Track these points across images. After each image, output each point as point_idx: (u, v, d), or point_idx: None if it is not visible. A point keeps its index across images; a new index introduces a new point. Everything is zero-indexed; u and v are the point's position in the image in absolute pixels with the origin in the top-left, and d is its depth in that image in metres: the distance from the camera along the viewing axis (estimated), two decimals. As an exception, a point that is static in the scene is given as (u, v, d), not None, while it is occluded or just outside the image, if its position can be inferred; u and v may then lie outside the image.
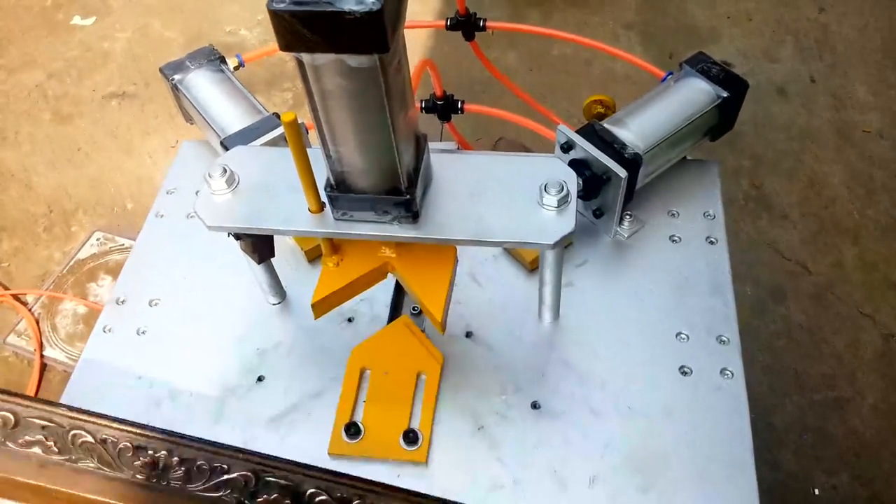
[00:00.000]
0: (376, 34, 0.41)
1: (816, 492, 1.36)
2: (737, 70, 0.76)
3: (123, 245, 1.89)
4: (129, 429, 0.47)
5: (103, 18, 2.66)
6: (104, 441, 0.46)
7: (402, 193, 0.52)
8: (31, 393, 1.69)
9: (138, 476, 0.46)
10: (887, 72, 2.15)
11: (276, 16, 0.41)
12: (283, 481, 0.45)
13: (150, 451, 0.47)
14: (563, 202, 0.54)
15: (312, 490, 0.45)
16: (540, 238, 0.53)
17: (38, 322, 1.75)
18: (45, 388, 1.67)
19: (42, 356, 1.70)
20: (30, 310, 1.78)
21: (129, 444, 0.46)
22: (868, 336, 1.57)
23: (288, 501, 0.45)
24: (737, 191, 1.85)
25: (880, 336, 1.57)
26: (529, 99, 1.00)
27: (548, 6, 2.45)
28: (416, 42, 2.21)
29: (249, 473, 0.46)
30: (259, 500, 0.45)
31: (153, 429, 0.46)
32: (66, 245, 1.94)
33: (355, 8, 0.39)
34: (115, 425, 0.47)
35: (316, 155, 0.52)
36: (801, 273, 1.69)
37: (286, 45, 0.43)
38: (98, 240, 1.91)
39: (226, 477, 0.45)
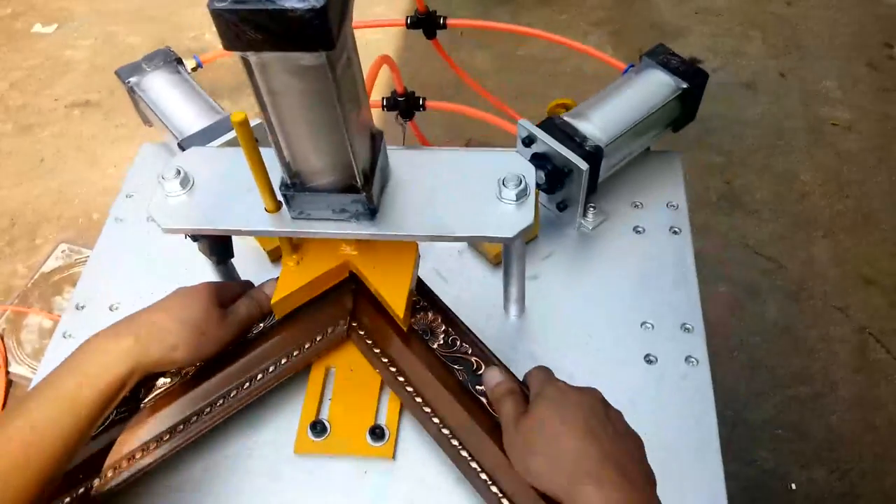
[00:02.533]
0: (321, 31, 0.40)
1: (793, 486, 1.38)
2: (706, 66, 0.76)
3: (89, 257, 1.86)
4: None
5: (65, 26, 2.63)
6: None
7: (359, 191, 0.52)
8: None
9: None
10: (855, 66, 2.18)
11: (217, 15, 0.40)
12: None
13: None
14: (521, 195, 0.54)
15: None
16: (499, 232, 0.53)
17: (2, 338, 1.71)
18: (9, 405, 1.64)
19: (7, 372, 1.67)
20: None
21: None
22: (841, 330, 1.59)
23: None
24: (709, 188, 1.86)
25: (853, 330, 1.59)
26: (491, 97, 1.00)
27: (515, 5, 2.46)
28: (387, 43, 2.20)
29: None
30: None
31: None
32: (31, 258, 1.91)
33: (298, 6, 0.39)
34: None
35: (271, 154, 0.52)
36: (774, 269, 1.71)
37: (230, 45, 0.42)
38: (63, 252, 1.87)
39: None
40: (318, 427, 0.61)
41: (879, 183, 1.87)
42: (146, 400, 0.60)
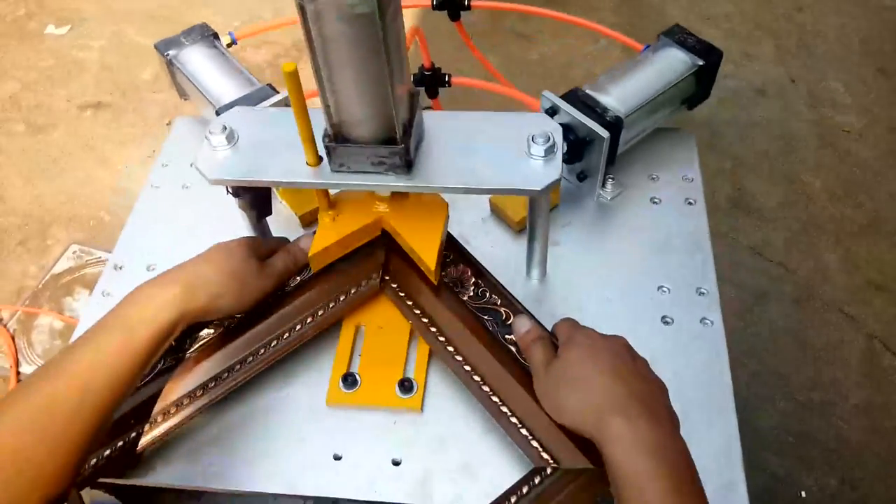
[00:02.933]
0: (375, -24, 0.43)
1: (803, 494, 1.38)
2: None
3: (100, 258, 1.86)
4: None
5: (77, 27, 2.65)
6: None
7: (397, 142, 0.55)
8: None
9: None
10: (865, 71, 2.19)
11: (279, -39, 0.43)
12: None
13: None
14: (549, 152, 0.57)
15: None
16: (528, 185, 0.56)
17: (13, 337, 1.72)
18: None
19: (18, 373, 1.68)
20: (4, 326, 1.75)
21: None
22: (851, 337, 1.59)
23: None
24: (717, 192, 1.87)
25: (863, 336, 1.59)
26: (506, 83, 1.03)
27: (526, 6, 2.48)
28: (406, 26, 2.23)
29: None
30: None
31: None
32: (42, 259, 1.92)
33: (354, -50, 0.42)
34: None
35: (312, 114, 0.55)
36: (783, 275, 1.71)
37: (288, -10, 0.45)
38: (74, 253, 1.88)
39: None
40: (349, 379, 0.64)
41: (889, 189, 1.88)
42: (191, 351, 0.63)
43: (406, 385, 0.63)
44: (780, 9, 2.40)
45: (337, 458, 0.60)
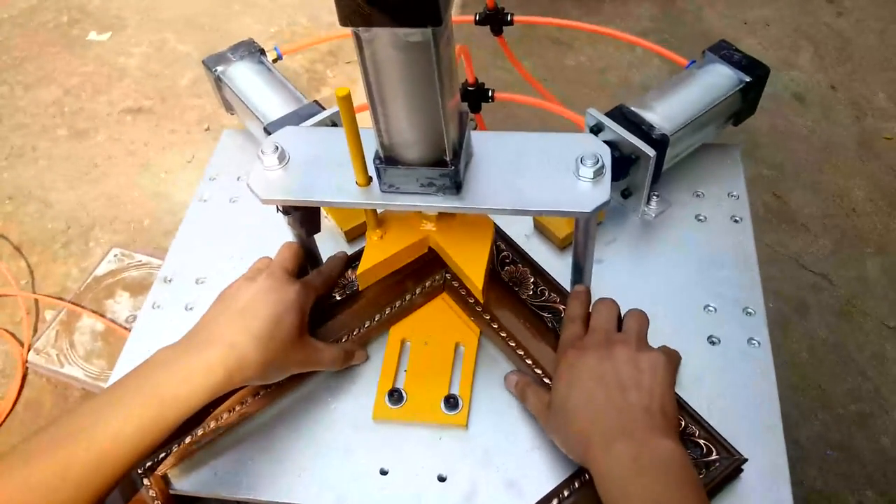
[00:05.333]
0: (431, 8, 0.44)
1: None
2: None
3: (140, 261, 1.90)
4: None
5: (118, 34, 2.70)
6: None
7: (447, 165, 0.55)
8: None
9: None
10: (908, 78, 2.15)
11: (338, -10, 0.44)
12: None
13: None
14: (598, 174, 0.57)
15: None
16: (577, 207, 0.56)
17: (55, 338, 1.76)
18: (62, 406, 1.69)
19: (26, 361, 1.72)
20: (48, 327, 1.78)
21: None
22: (893, 350, 1.56)
23: None
24: (757, 201, 1.84)
25: None
26: (550, 97, 1.03)
27: (562, 15, 2.47)
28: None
29: None
30: None
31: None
32: (84, 262, 1.96)
33: (413, -18, 0.43)
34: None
35: (362, 133, 0.56)
36: (824, 286, 1.68)
37: (345, 19, 0.46)
38: (115, 256, 1.92)
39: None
40: (395, 395, 0.64)
41: (933, 199, 1.85)
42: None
43: (451, 401, 0.64)
44: (819, 14, 2.36)
45: (383, 472, 0.61)
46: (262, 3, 2.68)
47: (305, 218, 0.65)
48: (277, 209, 0.65)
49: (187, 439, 0.60)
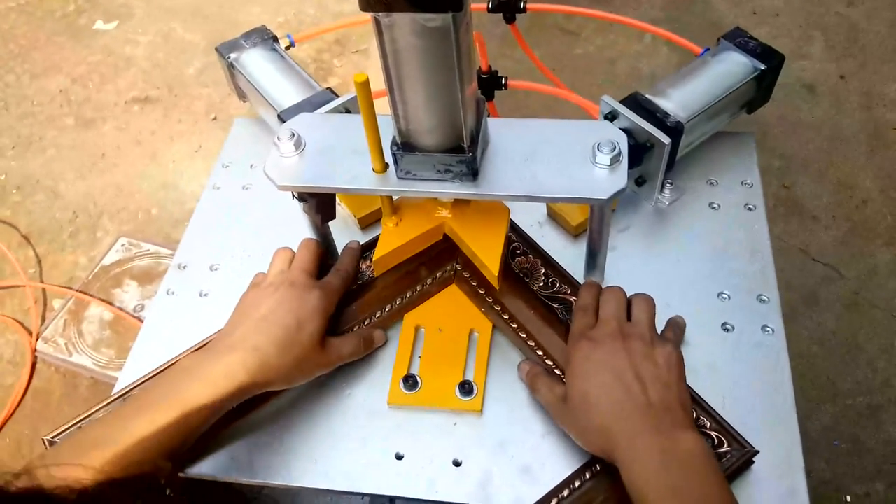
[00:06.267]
0: (452, -7, 0.44)
1: (848, 499, 1.37)
2: None
3: (148, 250, 1.90)
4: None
5: (125, 23, 2.69)
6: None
7: (465, 151, 0.55)
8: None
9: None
10: (919, 69, 2.13)
11: (358, -25, 0.44)
12: None
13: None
14: (615, 160, 0.57)
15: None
16: (593, 193, 0.56)
17: (64, 327, 1.76)
18: (71, 394, 1.69)
19: (34, 350, 1.72)
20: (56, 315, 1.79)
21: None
22: (903, 341, 1.55)
23: None
24: (767, 192, 1.82)
25: None
26: (563, 86, 1.02)
27: (570, 4, 2.47)
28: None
29: None
30: None
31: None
32: (92, 251, 1.96)
33: (434, -34, 0.43)
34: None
35: (378, 120, 0.56)
36: (833, 277, 1.68)
37: (366, 5, 0.46)
38: (123, 245, 1.92)
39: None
40: (409, 381, 0.65)
41: (944, 191, 1.84)
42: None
43: (466, 387, 0.64)
44: (830, 3, 2.34)
45: (399, 457, 0.61)
46: (267, -7, 2.68)
47: (321, 205, 0.65)
48: (293, 196, 0.65)
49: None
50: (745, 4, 2.34)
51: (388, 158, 0.58)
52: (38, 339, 1.74)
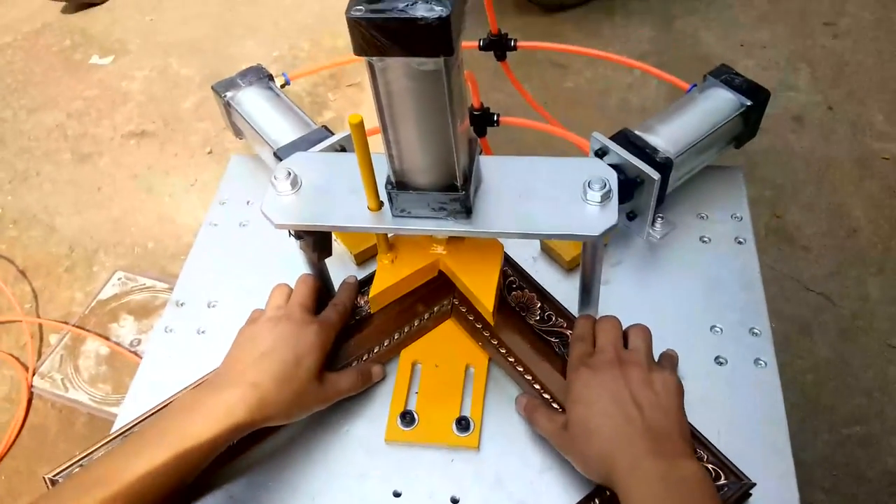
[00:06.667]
0: (444, 39, 0.45)
1: None
2: None
3: (145, 285, 1.91)
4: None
5: (121, 58, 2.73)
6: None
7: (458, 190, 0.56)
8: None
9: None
10: (904, 98, 2.16)
11: (353, 22, 0.45)
12: None
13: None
14: (605, 197, 0.58)
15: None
16: (585, 230, 0.57)
17: (60, 363, 1.76)
18: (68, 430, 1.68)
19: (31, 385, 1.72)
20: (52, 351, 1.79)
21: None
22: (897, 370, 1.56)
23: None
24: (758, 222, 1.86)
25: None
26: (553, 121, 1.04)
27: (561, 38, 2.50)
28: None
29: None
30: None
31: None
32: (89, 285, 1.97)
33: (426, 15, 0.44)
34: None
35: (373, 158, 0.57)
36: (826, 306, 1.69)
37: (360, 50, 0.47)
38: (119, 279, 1.93)
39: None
40: (406, 417, 0.65)
41: (933, 219, 1.86)
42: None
43: (463, 423, 0.64)
44: (816, 36, 2.39)
45: (396, 494, 0.61)
46: (264, 28, 2.71)
47: (318, 242, 0.66)
48: (290, 234, 0.66)
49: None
50: (732, 37, 2.39)
51: (383, 197, 0.59)
52: (34, 375, 1.73)
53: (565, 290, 0.75)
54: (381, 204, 0.60)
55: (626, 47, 2.42)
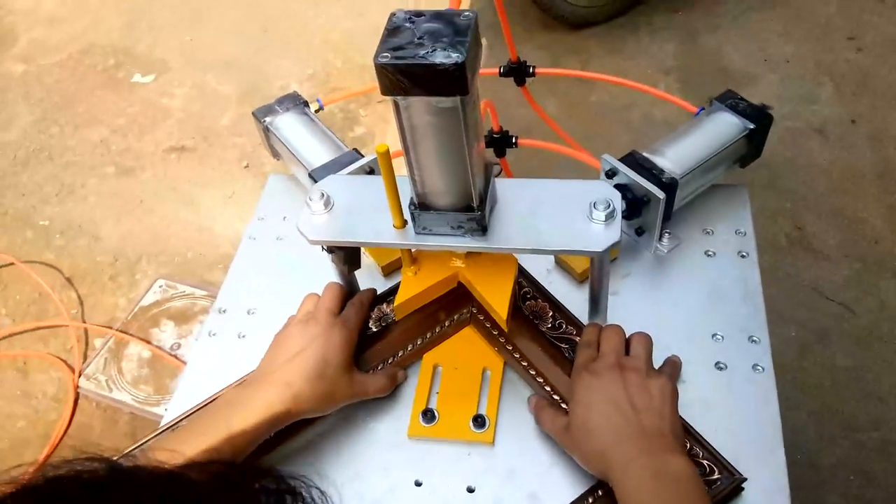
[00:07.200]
0: (460, 81, 0.52)
1: None
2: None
3: (184, 292, 2.01)
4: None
5: (162, 76, 2.84)
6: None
7: (475, 210, 0.63)
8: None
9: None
10: (928, 112, 2.17)
11: (380, 67, 0.52)
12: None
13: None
14: (609, 217, 0.64)
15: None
16: (590, 246, 0.63)
17: (104, 365, 1.86)
18: (111, 428, 1.78)
19: (77, 386, 1.82)
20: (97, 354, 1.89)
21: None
22: (915, 378, 1.58)
23: None
24: (778, 232, 1.89)
25: None
26: (571, 141, 1.10)
27: (585, 54, 2.56)
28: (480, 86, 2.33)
29: None
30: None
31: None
32: (131, 292, 2.07)
33: (445, 61, 0.50)
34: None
35: (398, 182, 0.63)
36: (845, 315, 1.72)
37: (386, 90, 0.54)
38: (161, 287, 2.02)
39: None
40: (428, 415, 0.71)
41: (952, 229, 1.87)
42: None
43: (479, 421, 0.70)
44: (839, 50, 2.41)
45: (418, 484, 0.68)
46: (297, 47, 2.81)
47: (348, 256, 0.73)
48: (323, 248, 0.73)
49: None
50: (756, 52, 2.41)
51: (407, 216, 0.65)
52: (80, 377, 1.83)
53: (577, 300, 0.81)
54: (405, 222, 0.66)
55: (650, 63, 2.46)
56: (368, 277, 0.85)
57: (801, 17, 2.54)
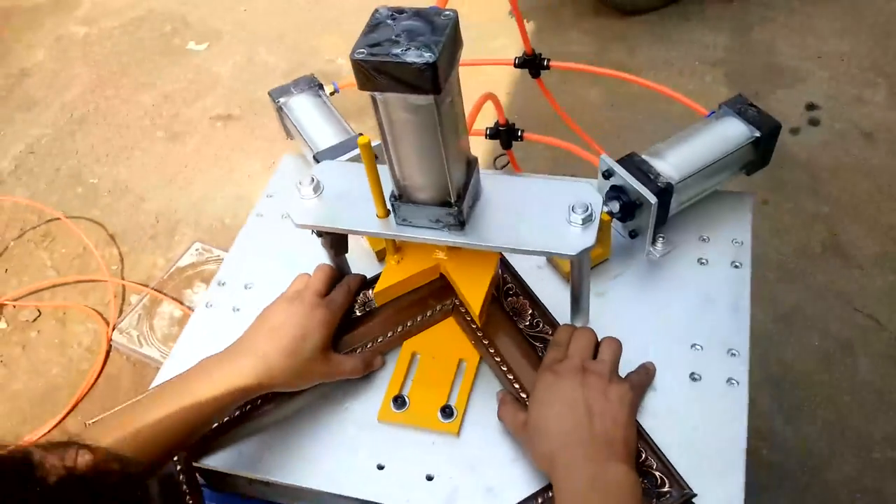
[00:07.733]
0: (432, 80, 0.53)
1: None
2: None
3: (219, 256, 2.08)
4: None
5: (214, 45, 2.91)
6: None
7: (451, 205, 0.64)
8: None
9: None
10: None
11: (356, 63, 0.54)
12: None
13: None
14: (587, 220, 0.64)
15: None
16: (564, 249, 0.64)
17: (138, 321, 1.95)
18: (139, 382, 1.87)
19: (110, 340, 1.91)
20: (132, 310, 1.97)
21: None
22: (939, 399, 1.54)
23: None
24: (813, 238, 1.84)
25: None
26: (582, 133, 1.10)
27: (632, 41, 2.51)
28: (500, 77, 2.33)
29: None
30: None
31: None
32: (169, 253, 2.15)
33: (416, 60, 0.52)
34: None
35: (384, 171, 0.65)
36: (872, 328, 1.67)
37: (362, 86, 0.55)
38: (197, 250, 2.10)
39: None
40: (399, 401, 0.73)
41: None
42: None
43: (447, 411, 0.72)
44: (899, 50, 2.30)
45: (380, 467, 0.70)
46: (345, 23, 2.83)
47: (335, 241, 0.75)
48: (312, 232, 0.75)
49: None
50: (809, 48, 2.33)
51: (390, 206, 0.67)
52: (114, 330, 1.92)
53: (564, 298, 0.81)
54: (387, 212, 0.68)
55: (698, 53, 2.40)
56: (365, 260, 0.87)
57: (861, 13, 2.44)
